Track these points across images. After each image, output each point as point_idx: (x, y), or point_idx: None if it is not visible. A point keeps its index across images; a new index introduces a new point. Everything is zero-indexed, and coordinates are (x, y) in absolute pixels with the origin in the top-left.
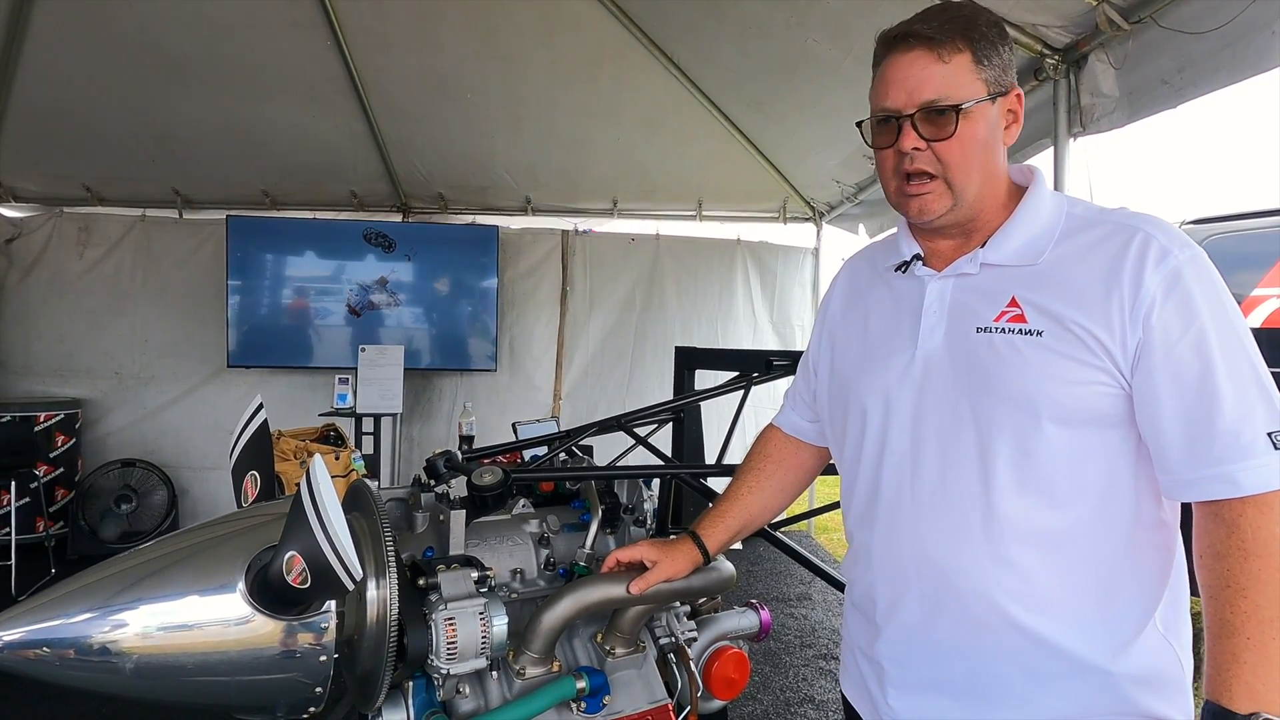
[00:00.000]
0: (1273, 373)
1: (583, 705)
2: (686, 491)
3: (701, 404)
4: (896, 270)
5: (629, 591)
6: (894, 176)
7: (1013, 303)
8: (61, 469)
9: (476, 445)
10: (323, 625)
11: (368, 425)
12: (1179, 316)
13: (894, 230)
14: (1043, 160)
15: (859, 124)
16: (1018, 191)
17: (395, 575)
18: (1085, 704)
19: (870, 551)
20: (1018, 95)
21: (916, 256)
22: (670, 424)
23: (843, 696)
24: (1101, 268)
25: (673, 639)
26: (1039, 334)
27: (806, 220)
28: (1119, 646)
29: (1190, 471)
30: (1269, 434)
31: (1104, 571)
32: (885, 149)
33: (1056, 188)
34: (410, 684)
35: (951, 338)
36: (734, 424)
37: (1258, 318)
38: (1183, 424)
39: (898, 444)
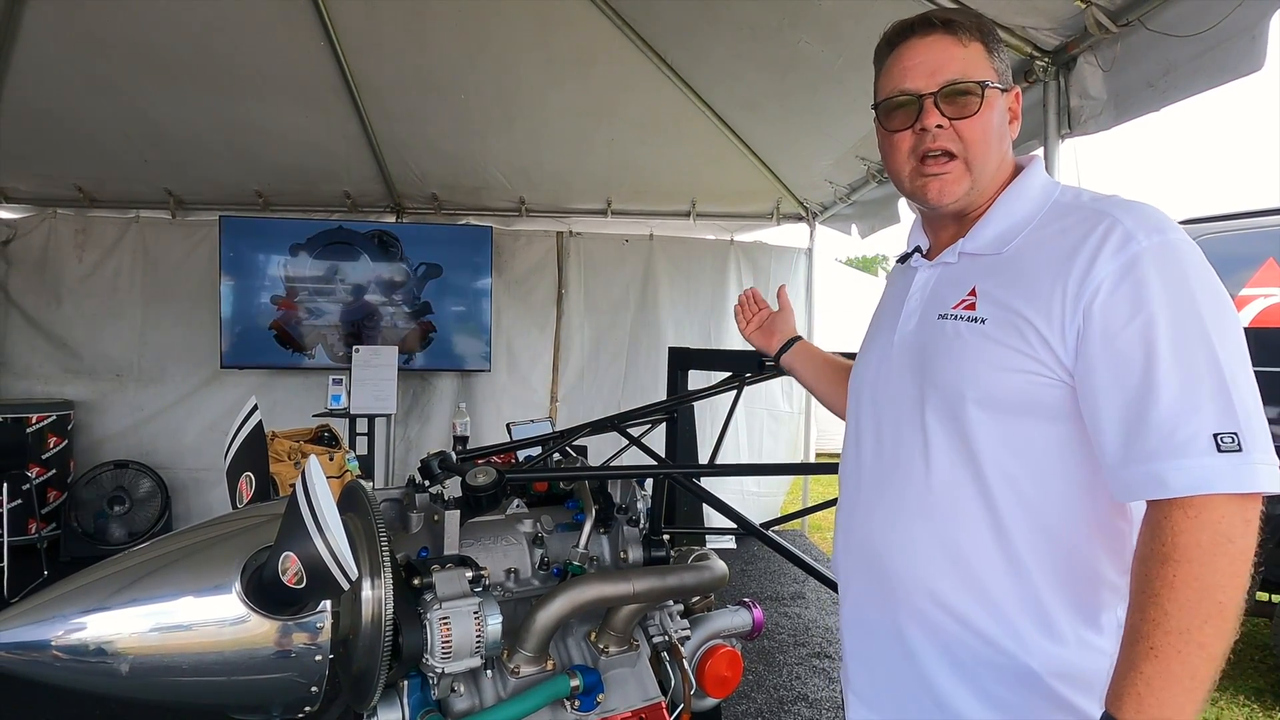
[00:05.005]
0: (1267, 371)
1: (576, 703)
2: (680, 491)
3: (694, 404)
4: (901, 262)
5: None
6: (910, 159)
7: (972, 292)
8: (54, 471)
9: (471, 446)
10: (318, 625)
11: (362, 426)
12: (1127, 304)
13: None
14: None
15: (875, 106)
16: None
17: (390, 575)
18: (1008, 706)
19: (839, 538)
20: (1016, 95)
21: (917, 249)
22: (664, 424)
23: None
24: (1056, 257)
25: (666, 637)
26: (982, 321)
27: (800, 221)
28: (1052, 641)
29: (1122, 468)
30: (1215, 434)
31: (1052, 565)
32: (902, 131)
33: None
34: (405, 683)
35: (919, 325)
36: (726, 424)
37: (1246, 317)
38: (1119, 418)
39: (865, 428)
